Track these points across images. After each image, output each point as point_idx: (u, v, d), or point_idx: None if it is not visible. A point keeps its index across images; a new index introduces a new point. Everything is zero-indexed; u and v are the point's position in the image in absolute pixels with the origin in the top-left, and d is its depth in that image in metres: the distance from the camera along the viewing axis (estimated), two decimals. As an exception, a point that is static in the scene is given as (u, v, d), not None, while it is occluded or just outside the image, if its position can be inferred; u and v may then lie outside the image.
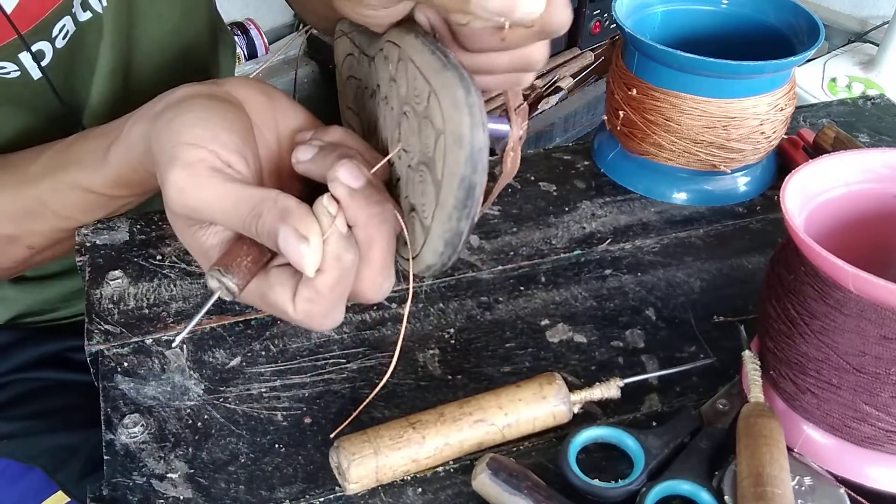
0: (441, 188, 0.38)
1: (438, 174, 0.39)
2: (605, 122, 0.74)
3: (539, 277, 0.63)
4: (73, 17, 0.62)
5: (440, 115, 0.38)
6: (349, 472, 0.46)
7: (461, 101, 0.37)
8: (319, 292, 0.40)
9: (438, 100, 0.38)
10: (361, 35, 0.51)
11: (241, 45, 1.92)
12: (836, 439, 0.47)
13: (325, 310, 0.41)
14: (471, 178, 0.37)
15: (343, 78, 0.56)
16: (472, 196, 0.38)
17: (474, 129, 0.37)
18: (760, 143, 0.68)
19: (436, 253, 0.40)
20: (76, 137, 0.57)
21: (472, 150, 0.37)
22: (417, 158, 0.41)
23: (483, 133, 0.37)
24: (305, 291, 0.40)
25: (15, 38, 0.58)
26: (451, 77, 0.38)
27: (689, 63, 0.63)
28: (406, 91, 0.42)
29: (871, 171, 0.50)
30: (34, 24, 0.58)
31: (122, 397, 0.53)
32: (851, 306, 0.43)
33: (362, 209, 0.40)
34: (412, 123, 0.41)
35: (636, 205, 0.71)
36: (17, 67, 0.61)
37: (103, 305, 0.59)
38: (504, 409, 0.49)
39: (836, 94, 1.76)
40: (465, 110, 0.37)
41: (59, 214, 0.59)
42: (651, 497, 0.46)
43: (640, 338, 0.58)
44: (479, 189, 0.38)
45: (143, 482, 0.48)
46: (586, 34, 1.96)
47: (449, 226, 0.39)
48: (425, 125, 0.40)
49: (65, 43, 0.62)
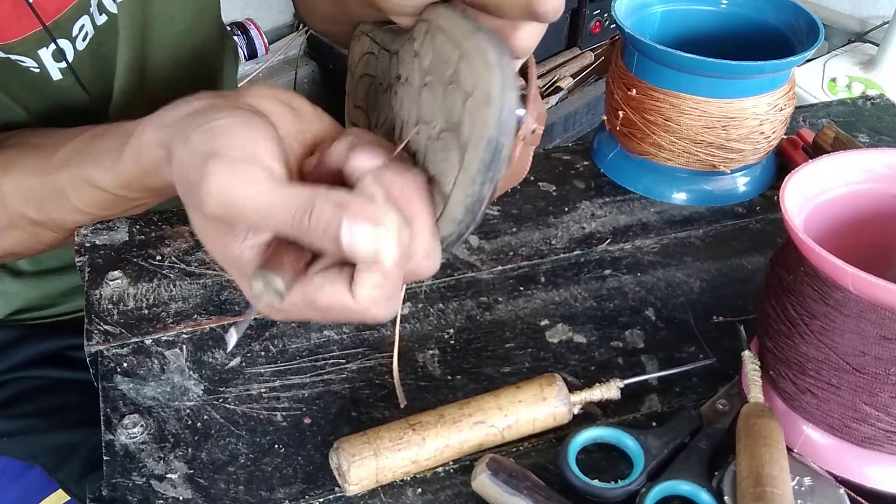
0: (466, 150, 0.38)
1: (464, 136, 0.38)
2: (604, 123, 0.74)
3: (539, 277, 0.63)
4: (91, 18, 0.63)
5: (470, 77, 0.37)
6: (349, 473, 0.46)
7: (493, 61, 0.37)
8: (386, 273, 0.38)
9: (469, 61, 0.38)
10: (385, 33, 0.51)
11: (241, 45, 1.92)
12: (835, 439, 0.47)
13: (391, 292, 0.39)
14: (498, 139, 0.37)
15: (355, 77, 0.56)
16: (497, 159, 0.37)
17: (505, 89, 0.36)
18: (760, 144, 0.68)
19: (454, 221, 0.39)
20: (101, 129, 0.57)
21: (502, 111, 0.36)
22: (440, 126, 0.40)
23: (513, 95, 0.37)
24: (370, 278, 0.38)
25: (34, 32, 0.59)
26: (483, 39, 0.37)
27: (689, 63, 0.63)
28: (431, 60, 0.41)
29: (871, 171, 0.50)
30: (55, 18, 0.60)
31: (121, 398, 0.53)
32: (851, 307, 0.43)
33: (396, 180, 0.39)
34: (436, 92, 0.41)
35: (636, 205, 0.71)
36: (37, 64, 0.61)
37: (103, 306, 0.59)
38: (504, 410, 0.49)
39: (836, 94, 1.76)
40: (496, 70, 0.36)
41: (77, 208, 0.59)
42: (651, 497, 0.46)
43: (639, 338, 0.58)
44: (504, 152, 0.37)
45: (143, 483, 0.48)
46: (586, 34, 1.96)
47: (472, 190, 0.38)
48: (452, 90, 0.39)
49: (85, 45, 0.64)
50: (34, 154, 0.59)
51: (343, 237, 0.36)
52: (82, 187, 0.56)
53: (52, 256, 0.76)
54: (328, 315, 0.40)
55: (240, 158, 0.39)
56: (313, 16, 0.74)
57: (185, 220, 0.67)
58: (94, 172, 0.55)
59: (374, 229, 0.36)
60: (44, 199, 0.59)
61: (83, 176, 0.56)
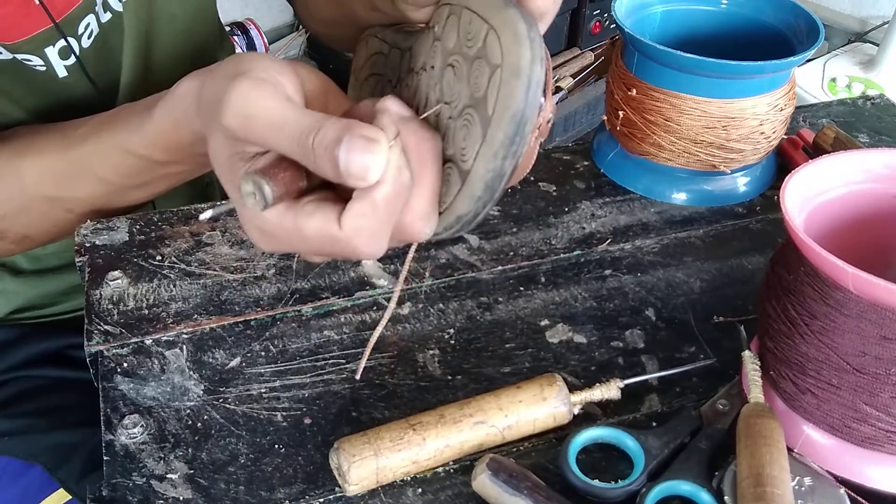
0: (490, 124, 0.38)
1: (489, 110, 0.38)
2: (604, 123, 0.74)
3: (539, 278, 0.63)
4: (97, 17, 0.64)
5: (498, 50, 0.37)
6: (349, 473, 0.46)
7: (523, 34, 0.37)
8: (375, 205, 0.38)
9: (498, 35, 0.37)
10: (396, 33, 0.51)
11: (241, 45, 1.92)
12: (836, 439, 0.47)
13: (376, 227, 0.39)
14: (524, 112, 0.36)
15: (360, 80, 0.56)
16: (521, 133, 0.37)
17: (534, 62, 0.36)
18: (760, 144, 0.68)
19: (472, 198, 0.39)
20: (125, 105, 0.58)
21: (530, 83, 0.36)
22: (463, 104, 0.40)
23: (541, 68, 0.37)
24: (358, 205, 0.38)
25: (42, 30, 0.60)
26: (513, 13, 0.37)
27: (689, 63, 0.63)
28: (455, 41, 0.41)
29: (871, 171, 0.50)
30: (63, 16, 0.60)
31: (121, 398, 0.53)
32: (851, 307, 0.43)
33: (413, 133, 0.39)
34: (460, 70, 0.41)
35: (636, 205, 0.71)
36: (43, 63, 0.62)
37: (103, 306, 0.59)
38: (504, 410, 0.49)
39: (836, 94, 1.76)
40: (526, 43, 0.36)
41: (101, 177, 0.59)
42: (651, 497, 0.46)
43: (639, 338, 0.58)
44: (528, 127, 0.37)
45: (143, 483, 0.48)
46: (586, 34, 1.96)
47: (493, 164, 0.38)
48: (478, 65, 0.39)
49: (90, 42, 0.64)
50: (52, 134, 0.60)
51: (340, 157, 0.37)
52: (108, 153, 0.57)
53: (51, 255, 0.76)
54: (314, 245, 0.41)
55: (263, 78, 0.41)
56: (313, 18, 0.74)
57: (185, 220, 0.67)
58: (123, 135, 0.56)
59: (371, 155, 0.37)
60: (65, 175, 0.59)
61: (110, 141, 0.56)
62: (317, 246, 0.41)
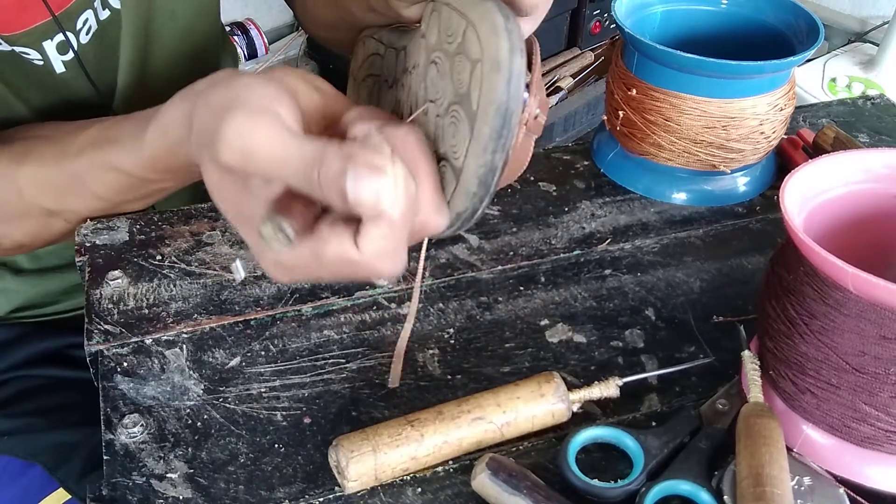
0: (476, 119, 0.38)
1: (474, 105, 0.38)
2: (604, 122, 0.74)
3: (539, 277, 0.63)
4: (95, 13, 0.64)
5: (477, 45, 0.37)
6: (348, 469, 0.46)
7: (500, 26, 0.37)
8: (392, 224, 0.38)
9: (476, 29, 0.37)
10: (391, 33, 0.51)
11: (241, 45, 1.92)
12: (835, 439, 0.47)
13: (397, 245, 0.39)
14: (508, 105, 0.36)
15: (358, 80, 0.56)
16: (508, 125, 0.37)
17: (513, 53, 0.36)
18: (760, 144, 0.68)
19: (468, 195, 0.39)
20: (119, 118, 0.58)
21: (511, 75, 0.36)
22: (448, 101, 0.40)
23: (521, 59, 0.37)
24: (375, 229, 0.38)
25: (40, 23, 0.59)
26: (490, 6, 0.37)
27: (689, 63, 0.63)
28: (437, 37, 0.41)
29: (871, 171, 0.50)
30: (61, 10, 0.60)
31: (121, 397, 0.53)
32: (851, 306, 0.43)
33: (394, 133, 0.39)
34: (443, 67, 0.41)
35: (636, 205, 0.71)
36: (41, 57, 0.62)
37: (103, 305, 0.59)
38: (502, 406, 0.49)
39: (836, 94, 1.76)
40: (503, 35, 0.36)
41: (96, 194, 0.59)
42: (650, 497, 0.46)
43: (639, 338, 0.58)
44: (514, 119, 0.37)
45: (143, 482, 0.48)
46: (586, 34, 1.96)
47: (484, 159, 0.38)
48: (459, 61, 0.39)
49: (88, 38, 0.64)
50: (49, 144, 0.59)
51: (348, 189, 0.36)
52: (102, 172, 0.56)
53: (51, 254, 0.76)
54: (334, 270, 0.40)
55: (258, 110, 0.39)
56: (313, 23, 0.74)
57: (185, 220, 0.67)
58: (116, 155, 0.55)
59: (378, 180, 0.36)
60: (61, 188, 0.59)
61: (103, 160, 0.56)
62: (338, 271, 0.40)
